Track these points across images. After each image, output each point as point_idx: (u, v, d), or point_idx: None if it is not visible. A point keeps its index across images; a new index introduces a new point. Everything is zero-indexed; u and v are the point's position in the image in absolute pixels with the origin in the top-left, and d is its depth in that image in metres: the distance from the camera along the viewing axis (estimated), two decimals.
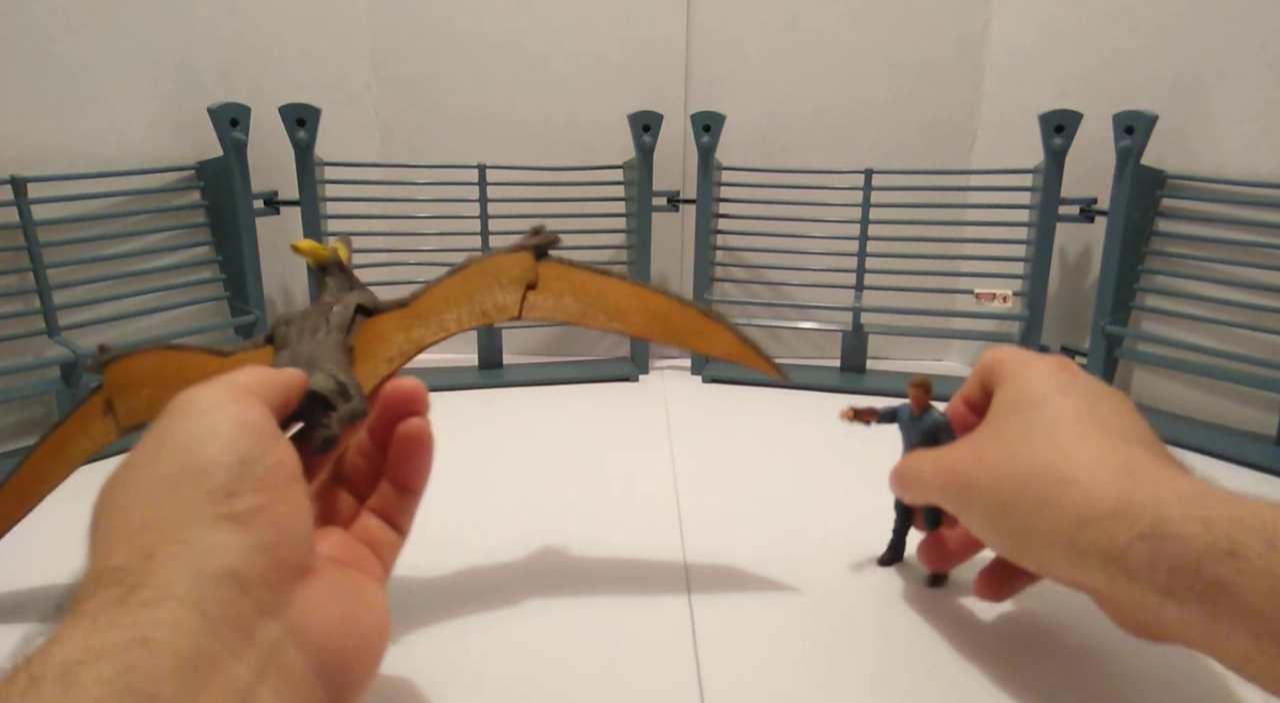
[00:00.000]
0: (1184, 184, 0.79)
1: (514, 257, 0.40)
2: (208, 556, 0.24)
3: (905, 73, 0.92)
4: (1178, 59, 0.79)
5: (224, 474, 0.26)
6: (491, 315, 0.39)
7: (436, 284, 0.40)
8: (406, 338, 0.39)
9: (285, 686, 0.25)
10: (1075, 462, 0.34)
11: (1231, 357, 0.74)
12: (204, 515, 0.25)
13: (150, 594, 0.23)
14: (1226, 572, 0.28)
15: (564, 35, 0.91)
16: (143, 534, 0.25)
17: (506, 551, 0.52)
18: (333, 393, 0.35)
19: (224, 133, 0.78)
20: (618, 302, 0.40)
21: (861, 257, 0.90)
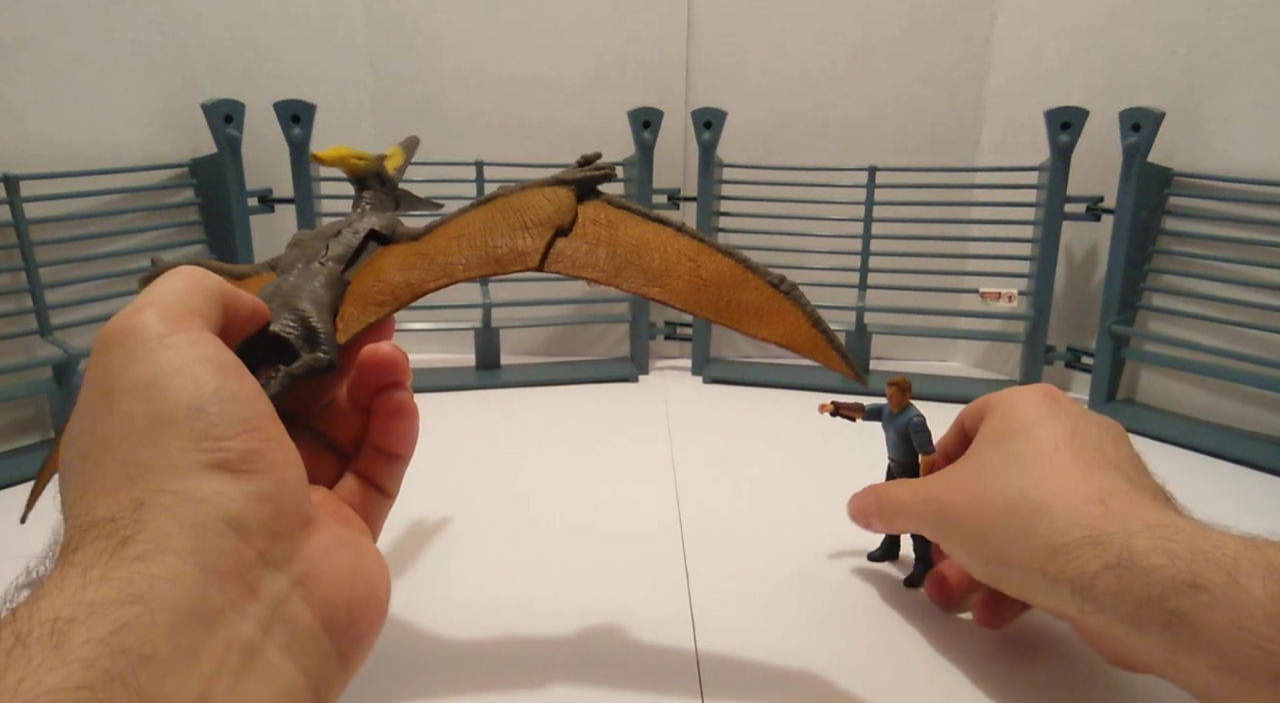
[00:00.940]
0: (1191, 182, 0.78)
1: (549, 191, 0.34)
2: (205, 505, 0.23)
3: (909, 69, 0.91)
4: (1185, 55, 0.78)
5: (203, 419, 0.24)
6: (505, 263, 0.32)
7: (455, 217, 0.35)
8: (404, 281, 0.33)
9: (293, 640, 0.24)
10: (1050, 490, 0.34)
11: (1239, 357, 0.73)
12: (193, 463, 0.23)
13: (144, 547, 0.21)
14: (1188, 604, 0.28)
15: (563, 31, 0.90)
16: (128, 487, 0.23)
17: (505, 552, 0.51)
18: (296, 338, 0.31)
19: (218, 129, 0.77)
20: (665, 260, 0.32)
21: (865, 255, 0.89)
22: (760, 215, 0.90)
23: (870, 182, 0.88)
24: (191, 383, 0.24)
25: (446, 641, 0.42)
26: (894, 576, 0.49)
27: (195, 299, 0.27)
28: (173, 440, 0.23)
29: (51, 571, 0.21)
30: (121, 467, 0.23)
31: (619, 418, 0.78)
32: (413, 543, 0.52)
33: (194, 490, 0.23)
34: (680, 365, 0.94)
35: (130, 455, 0.23)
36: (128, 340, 0.25)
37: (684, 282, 0.32)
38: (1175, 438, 0.73)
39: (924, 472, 0.46)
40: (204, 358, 0.25)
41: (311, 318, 0.31)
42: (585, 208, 0.34)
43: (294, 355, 0.31)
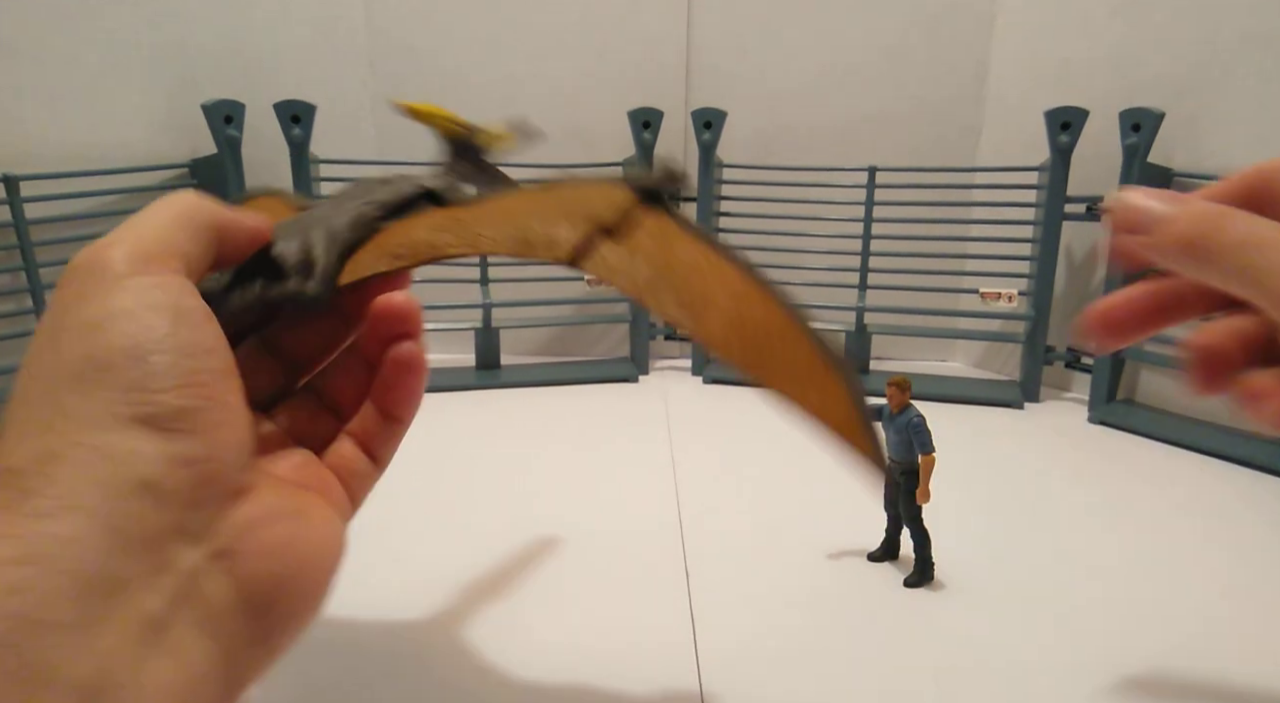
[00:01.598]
0: (1191, 182, 0.78)
1: (608, 188, 0.31)
2: (120, 463, 0.20)
3: (910, 69, 0.91)
4: (1184, 56, 0.78)
5: (140, 368, 0.22)
6: (536, 248, 0.29)
7: (507, 193, 0.33)
8: (427, 240, 0.31)
9: (205, 619, 0.22)
10: None
11: None
12: (117, 416, 0.21)
13: (46, 503, 0.19)
14: None
15: (563, 31, 0.90)
16: (44, 434, 0.21)
17: (505, 551, 0.51)
18: (292, 265, 0.29)
19: (218, 130, 0.77)
20: (707, 290, 0.29)
21: (865, 256, 0.89)
22: (760, 216, 0.90)
23: (870, 182, 0.88)
24: (138, 328, 0.22)
25: (445, 640, 0.42)
26: (894, 575, 0.48)
27: (177, 235, 0.25)
28: (102, 389, 0.21)
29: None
30: (45, 412, 0.21)
31: (619, 418, 0.78)
32: (412, 543, 0.52)
33: (112, 446, 0.21)
34: (680, 366, 0.94)
35: (56, 400, 0.21)
36: (88, 276, 0.23)
37: (721, 318, 0.28)
38: (1175, 438, 0.73)
39: (924, 472, 0.46)
40: (161, 304, 0.23)
41: (315, 249, 0.29)
42: (643, 214, 0.30)
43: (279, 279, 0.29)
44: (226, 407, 0.23)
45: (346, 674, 0.39)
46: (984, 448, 0.69)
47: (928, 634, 0.43)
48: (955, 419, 0.77)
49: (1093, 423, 0.78)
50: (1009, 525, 0.44)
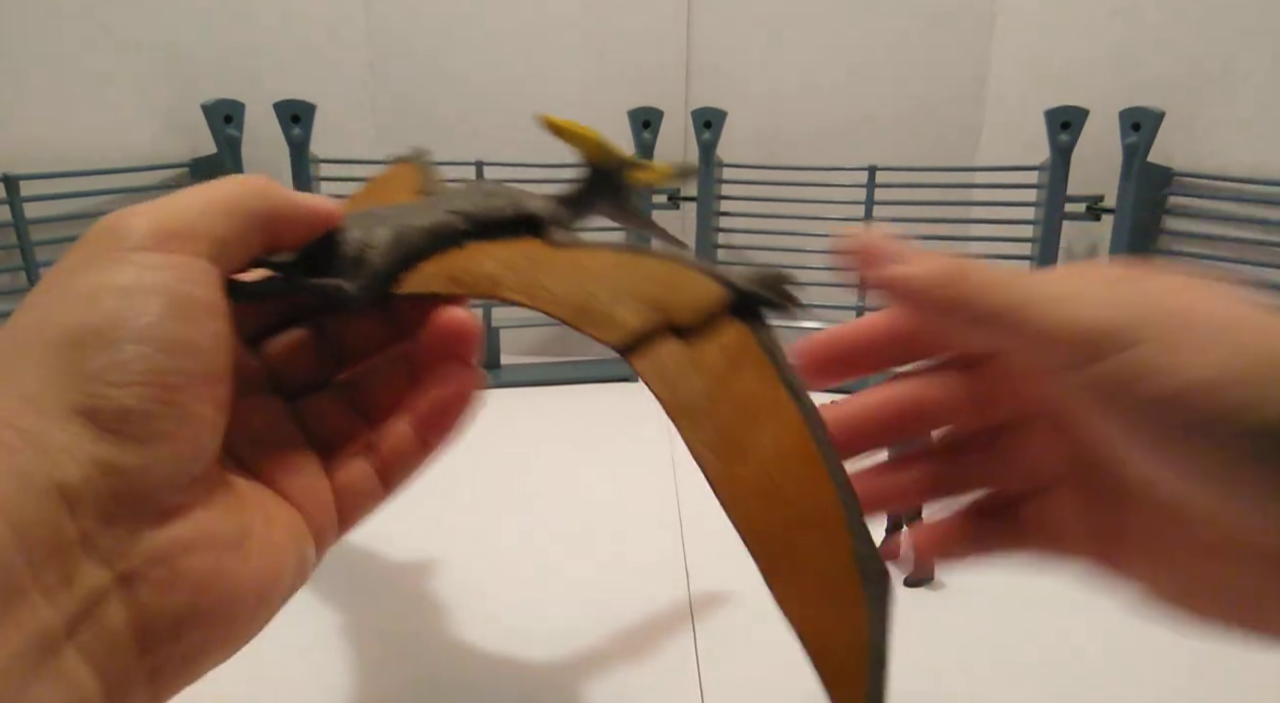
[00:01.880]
0: (1191, 181, 0.78)
1: (701, 280, 0.26)
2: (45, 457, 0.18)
3: (910, 69, 0.91)
4: (1185, 55, 0.78)
5: (107, 354, 0.19)
6: (591, 321, 0.26)
7: (599, 246, 0.29)
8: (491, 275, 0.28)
9: (98, 646, 0.19)
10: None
11: None
12: (64, 402, 0.19)
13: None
14: None
15: (563, 30, 0.90)
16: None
17: (504, 551, 0.51)
18: (347, 257, 0.26)
19: (218, 129, 0.77)
20: (749, 438, 0.24)
21: None
22: (760, 215, 0.90)
23: (870, 181, 0.88)
24: (122, 308, 0.20)
25: (441, 639, 0.42)
26: (894, 575, 0.48)
27: (213, 217, 0.23)
28: (61, 369, 0.19)
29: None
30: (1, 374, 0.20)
31: (619, 418, 0.78)
32: (410, 542, 0.52)
33: (44, 435, 0.19)
34: None
35: (13, 370, 0.20)
36: (101, 240, 0.22)
37: (752, 478, 0.24)
38: None
39: None
40: (160, 287, 0.21)
41: (372, 249, 0.27)
42: (727, 323, 0.26)
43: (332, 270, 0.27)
44: (186, 417, 0.21)
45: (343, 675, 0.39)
46: None
47: (928, 634, 0.43)
48: None
49: None
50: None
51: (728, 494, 0.24)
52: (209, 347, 0.22)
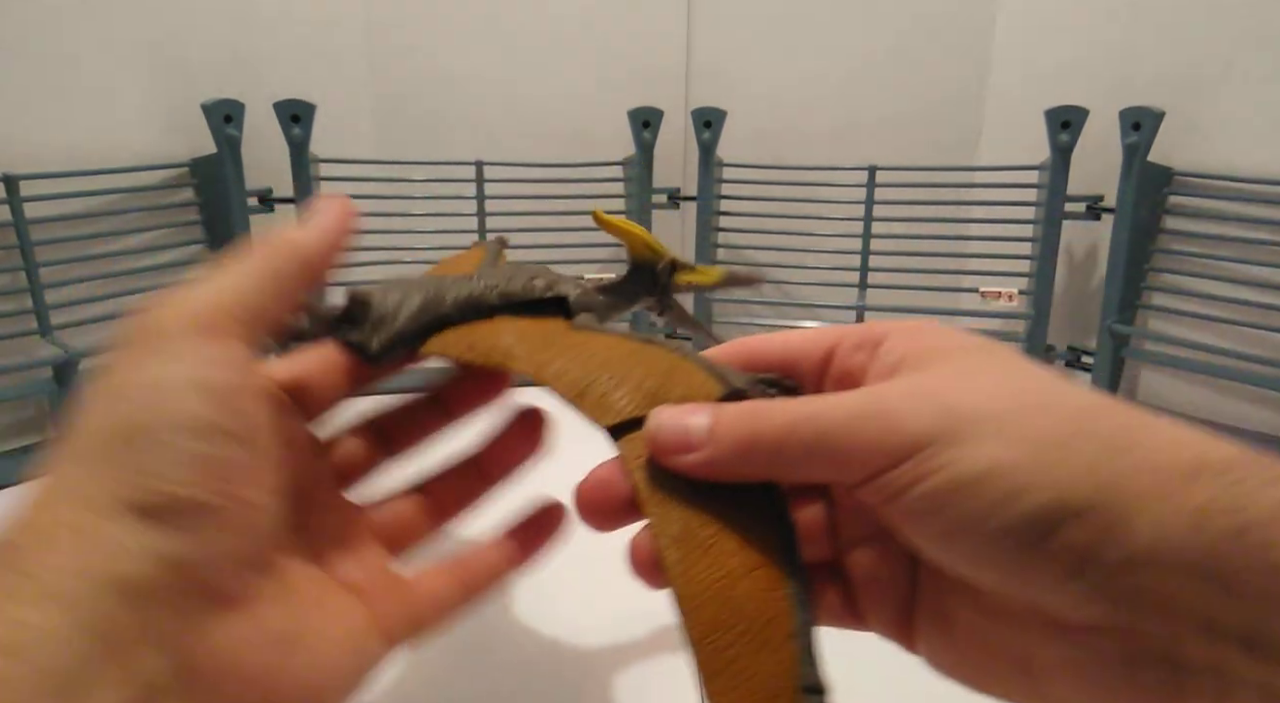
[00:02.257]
0: (1192, 181, 0.78)
1: (701, 375, 0.26)
2: (104, 555, 0.19)
3: (910, 69, 0.91)
4: (1185, 55, 0.78)
5: (153, 450, 0.20)
6: (586, 402, 0.27)
7: (610, 337, 0.30)
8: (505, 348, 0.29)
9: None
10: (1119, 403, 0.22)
11: (1240, 356, 0.73)
12: (117, 500, 0.19)
13: (26, 587, 0.18)
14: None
15: (563, 30, 0.90)
16: (48, 508, 0.20)
17: None
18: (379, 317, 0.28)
19: (218, 129, 0.77)
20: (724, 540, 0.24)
21: (865, 255, 0.89)
22: (760, 215, 0.90)
23: (870, 181, 0.88)
24: (163, 403, 0.21)
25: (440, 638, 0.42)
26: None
27: (253, 294, 0.23)
28: (112, 466, 0.20)
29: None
30: (56, 483, 0.20)
31: None
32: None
33: (101, 534, 0.19)
34: None
35: (68, 473, 0.20)
36: (141, 336, 0.22)
37: (712, 579, 0.24)
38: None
39: None
40: (200, 380, 0.21)
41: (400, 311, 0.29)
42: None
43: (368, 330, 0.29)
44: (241, 505, 0.21)
45: None
46: None
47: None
48: None
49: None
50: None
51: (683, 591, 0.24)
52: (252, 431, 0.22)
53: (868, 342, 0.26)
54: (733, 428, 0.23)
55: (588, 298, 0.32)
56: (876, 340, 0.25)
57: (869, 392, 0.23)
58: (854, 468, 0.22)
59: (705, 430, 0.23)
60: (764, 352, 0.28)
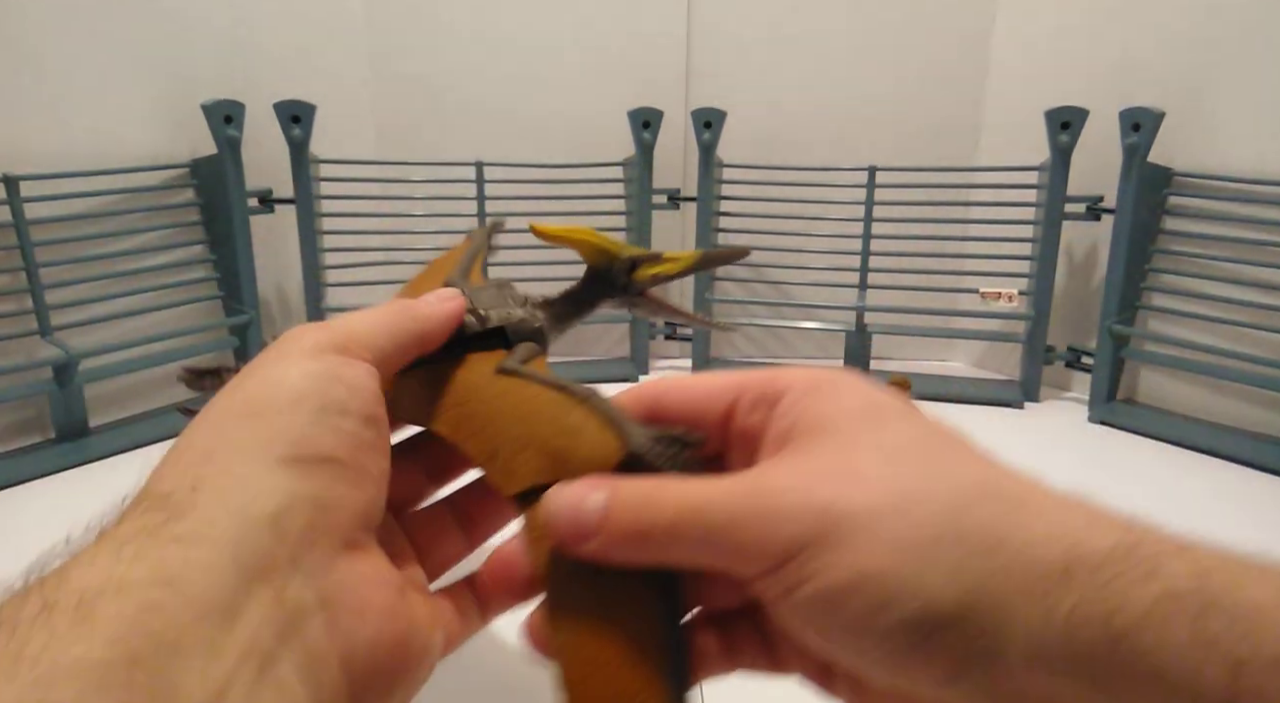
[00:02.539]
0: (1191, 181, 0.78)
1: (605, 435, 0.26)
2: (256, 497, 0.22)
3: (910, 69, 0.91)
4: (1185, 55, 0.78)
5: (304, 414, 0.23)
6: (493, 469, 0.27)
7: (529, 383, 0.29)
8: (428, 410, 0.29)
9: (307, 662, 0.21)
10: (1014, 478, 0.23)
11: (1240, 357, 0.73)
12: (266, 455, 0.22)
13: (185, 528, 0.21)
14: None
15: (563, 30, 0.90)
16: (198, 464, 0.22)
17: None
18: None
19: (218, 130, 0.77)
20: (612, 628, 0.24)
21: (865, 255, 0.89)
22: (760, 215, 0.90)
23: (870, 181, 0.88)
24: (313, 385, 0.24)
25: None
26: None
27: (376, 333, 0.27)
28: (260, 428, 0.23)
29: (90, 542, 0.21)
30: (207, 442, 0.23)
31: None
32: None
33: (253, 480, 0.22)
34: (680, 366, 0.94)
35: (220, 432, 0.23)
36: (283, 346, 0.26)
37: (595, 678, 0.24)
38: (1175, 438, 0.73)
39: None
40: (342, 376, 0.25)
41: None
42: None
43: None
44: (367, 472, 0.25)
45: None
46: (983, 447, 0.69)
47: None
48: (955, 419, 0.77)
49: (1093, 422, 0.78)
50: None
51: (568, 674, 0.24)
52: (378, 423, 0.25)
53: (765, 399, 0.26)
54: (624, 517, 0.24)
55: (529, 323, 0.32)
56: (773, 399, 0.26)
57: (753, 482, 0.24)
58: (742, 566, 0.23)
59: (599, 517, 0.24)
60: (670, 402, 0.28)
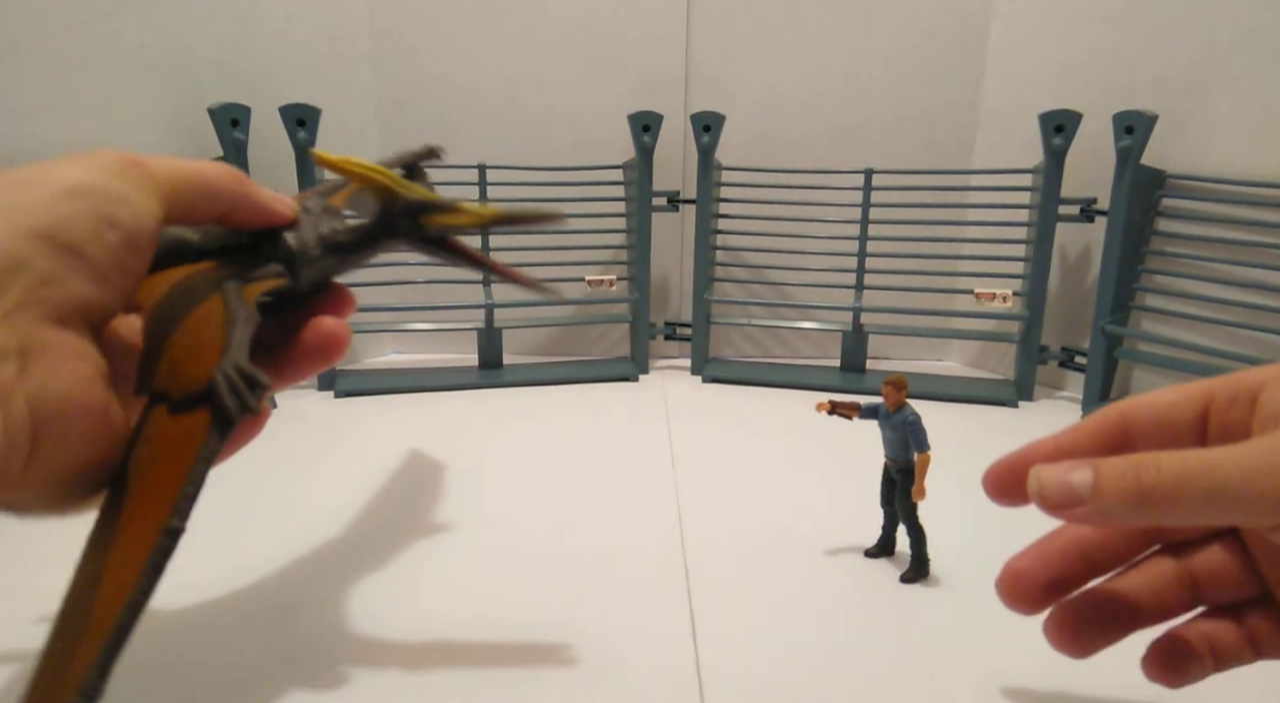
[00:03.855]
0: (1184, 184, 0.79)
1: (207, 369, 0.27)
2: (31, 219, 0.25)
3: (905, 72, 0.92)
4: (1178, 58, 0.79)
5: (66, 206, 0.26)
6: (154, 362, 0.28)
7: (212, 302, 0.30)
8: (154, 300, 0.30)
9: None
10: None
11: (1231, 356, 0.74)
12: (19, 222, 0.25)
13: None
14: None
15: (564, 35, 0.91)
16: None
17: (505, 549, 0.52)
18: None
19: (224, 133, 0.78)
20: (129, 533, 0.25)
21: (861, 256, 0.90)
22: (758, 217, 0.91)
23: (867, 184, 0.89)
24: (90, 188, 0.27)
25: (441, 637, 0.43)
26: (890, 572, 0.49)
27: (186, 184, 0.30)
28: (24, 200, 0.25)
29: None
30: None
31: (619, 417, 0.79)
32: (412, 541, 0.53)
33: (32, 201, 0.25)
34: (680, 365, 0.95)
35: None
36: (91, 154, 0.29)
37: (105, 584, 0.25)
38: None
39: (920, 470, 0.47)
40: (124, 198, 0.27)
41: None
42: (198, 413, 0.26)
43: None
44: (107, 280, 0.27)
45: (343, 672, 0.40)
46: (979, 446, 0.70)
47: (924, 630, 0.44)
48: (951, 418, 0.78)
49: None
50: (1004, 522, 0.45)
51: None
52: (139, 253, 0.28)
53: (1242, 394, 0.28)
54: (1119, 484, 0.25)
55: (297, 249, 0.33)
56: (1253, 392, 0.28)
57: (1266, 444, 0.25)
58: (1259, 517, 0.24)
59: (1089, 488, 0.26)
60: (1138, 415, 0.31)
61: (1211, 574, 0.31)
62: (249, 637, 0.42)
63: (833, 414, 0.49)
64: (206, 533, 0.54)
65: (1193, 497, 0.25)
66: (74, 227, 0.26)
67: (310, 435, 0.73)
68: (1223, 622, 0.30)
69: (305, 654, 0.41)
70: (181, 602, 0.45)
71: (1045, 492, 0.26)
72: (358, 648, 0.42)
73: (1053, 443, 0.31)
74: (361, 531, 0.55)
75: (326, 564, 0.50)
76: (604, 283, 0.90)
